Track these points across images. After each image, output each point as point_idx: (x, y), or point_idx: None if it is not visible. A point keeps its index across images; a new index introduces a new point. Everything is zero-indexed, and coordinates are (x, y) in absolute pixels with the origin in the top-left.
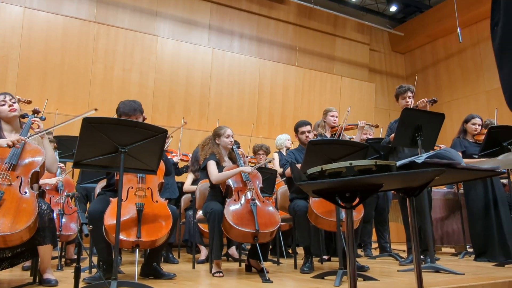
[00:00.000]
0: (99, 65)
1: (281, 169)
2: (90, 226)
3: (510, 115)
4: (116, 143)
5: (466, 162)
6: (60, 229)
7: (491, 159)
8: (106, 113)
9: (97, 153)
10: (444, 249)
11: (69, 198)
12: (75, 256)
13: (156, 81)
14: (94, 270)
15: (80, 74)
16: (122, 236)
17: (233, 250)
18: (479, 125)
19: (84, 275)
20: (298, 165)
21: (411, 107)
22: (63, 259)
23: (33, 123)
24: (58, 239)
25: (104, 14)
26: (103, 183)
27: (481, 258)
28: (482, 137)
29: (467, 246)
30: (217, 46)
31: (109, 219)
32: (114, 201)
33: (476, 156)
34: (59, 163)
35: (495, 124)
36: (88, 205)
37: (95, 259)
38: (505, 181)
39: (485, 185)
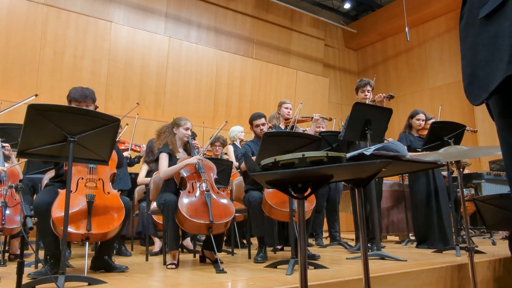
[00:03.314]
0: (48, 50)
1: (237, 163)
2: (35, 218)
3: (451, 112)
4: (65, 132)
5: (410, 155)
6: (3, 222)
7: (433, 152)
8: (56, 101)
9: (44, 142)
10: (389, 237)
11: (13, 189)
12: None
13: (109, 68)
14: (41, 265)
15: (27, 59)
16: (70, 229)
17: (187, 242)
18: (423, 120)
19: (30, 270)
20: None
21: (369, 101)
22: (6, 254)
23: None
24: (0, 233)
25: None
26: (51, 173)
27: (422, 245)
28: (426, 132)
29: (410, 234)
30: (174, 35)
31: (57, 211)
32: (62, 192)
33: (420, 150)
34: (5, 144)
35: (436, 120)
36: (35, 197)
37: (42, 253)
38: (445, 173)
39: (427, 177)
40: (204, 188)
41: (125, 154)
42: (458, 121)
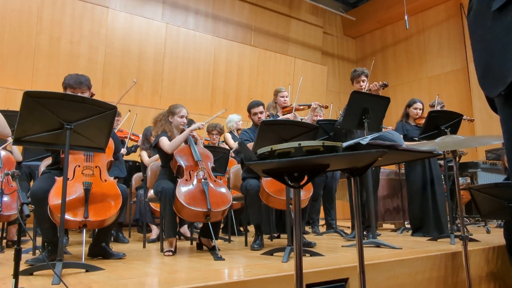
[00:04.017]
0: (44, 36)
1: (234, 147)
2: (32, 206)
3: (449, 100)
4: (61, 119)
5: (406, 144)
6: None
7: (429, 141)
8: (52, 88)
9: (40, 129)
10: (385, 225)
11: (10, 176)
12: None
13: (106, 55)
14: (39, 252)
15: (22, 45)
16: (68, 216)
17: (185, 229)
18: (420, 109)
19: (28, 256)
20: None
21: (365, 90)
22: (4, 240)
23: None
24: None
25: None
26: (48, 161)
27: (417, 233)
28: (423, 121)
29: (406, 223)
30: (171, 21)
31: (54, 199)
32: (59, 180)
33: (417, 139)
34: None
35: (440, 104)
36: (32, 184)
37: (40, 240)
38: (441, 161)
39: (423, 166)
40: (201, 176)
41: (123, 151)
42: (456, 110)
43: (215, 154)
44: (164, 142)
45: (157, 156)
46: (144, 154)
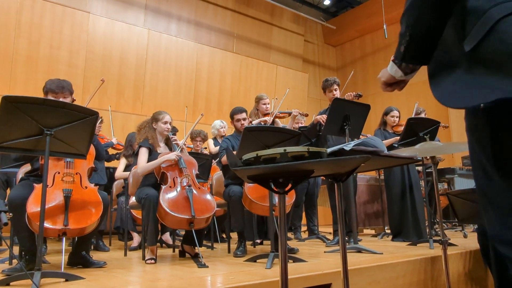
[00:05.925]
0: (23, 40)
1: (216, 150)
2: (10, 214)
3: (426, 108)
4: (41, 125)
5: (385, 143)
6: None
7: (409, 147)
8: (31, 93)
9: (18, 135)
10: (365, 231)
11: None
12: None
13: (87, 60)
14: (16, 261)
15: (0, 49)
16: (47, 224)
17: (167, 236)
18: (397, 117)
19: (5, 266)
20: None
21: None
22: None
23: None
24: None
25: None
26: (26, 167)
27: (397, 238)
28: (401, 128)
29: (386, 228)
30: (154, 27)
31: (32, 207)
32: (38, 187)
33: (396, 145)
34: None
35: (423, 112)
36: (8, 191)
37: (17, 249)
38: (419, 168)
39: (402, 172)
40: (185, 183)
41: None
42: (433, 117)
43: (198, 160)
44: (140, 160)
45: (126, 173)
46: (122, 163)
